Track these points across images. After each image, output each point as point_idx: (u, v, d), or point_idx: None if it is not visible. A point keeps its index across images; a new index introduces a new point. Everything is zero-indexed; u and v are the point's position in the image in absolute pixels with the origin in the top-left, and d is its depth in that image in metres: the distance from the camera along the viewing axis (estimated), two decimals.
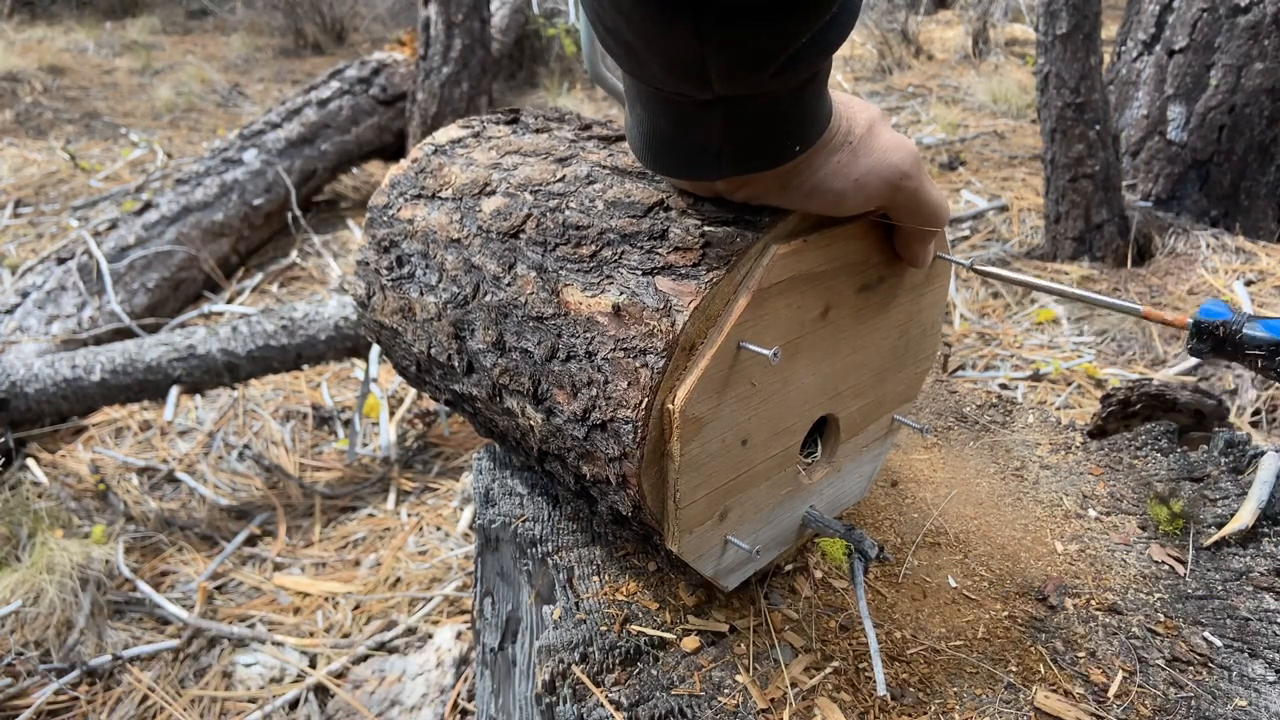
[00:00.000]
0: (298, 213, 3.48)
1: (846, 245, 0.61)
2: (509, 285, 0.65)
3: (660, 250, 0.58)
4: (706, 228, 0.58)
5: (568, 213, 0.64)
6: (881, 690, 0.60)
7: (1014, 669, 0.66)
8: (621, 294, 0.57)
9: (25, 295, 2.76)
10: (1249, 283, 2.41)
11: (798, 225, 0.59)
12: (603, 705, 0.60)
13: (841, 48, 0.52)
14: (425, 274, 0.73)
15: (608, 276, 0.59)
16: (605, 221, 0.62)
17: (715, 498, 0.60)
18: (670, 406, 0.54)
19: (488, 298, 0.66)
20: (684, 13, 0.42)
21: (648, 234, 0.59)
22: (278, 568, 1.91)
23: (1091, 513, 0.83)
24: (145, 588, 1.78)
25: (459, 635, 1.64)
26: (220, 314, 3.04)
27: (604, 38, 0.49)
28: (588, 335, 0.58)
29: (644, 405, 0.54)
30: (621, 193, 0.63)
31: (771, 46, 0.45)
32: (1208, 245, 2.58)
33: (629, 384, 0.55)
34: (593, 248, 0.61)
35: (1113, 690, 0.64)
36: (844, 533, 0.67)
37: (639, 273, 0.58)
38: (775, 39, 0.44)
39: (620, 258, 0.59)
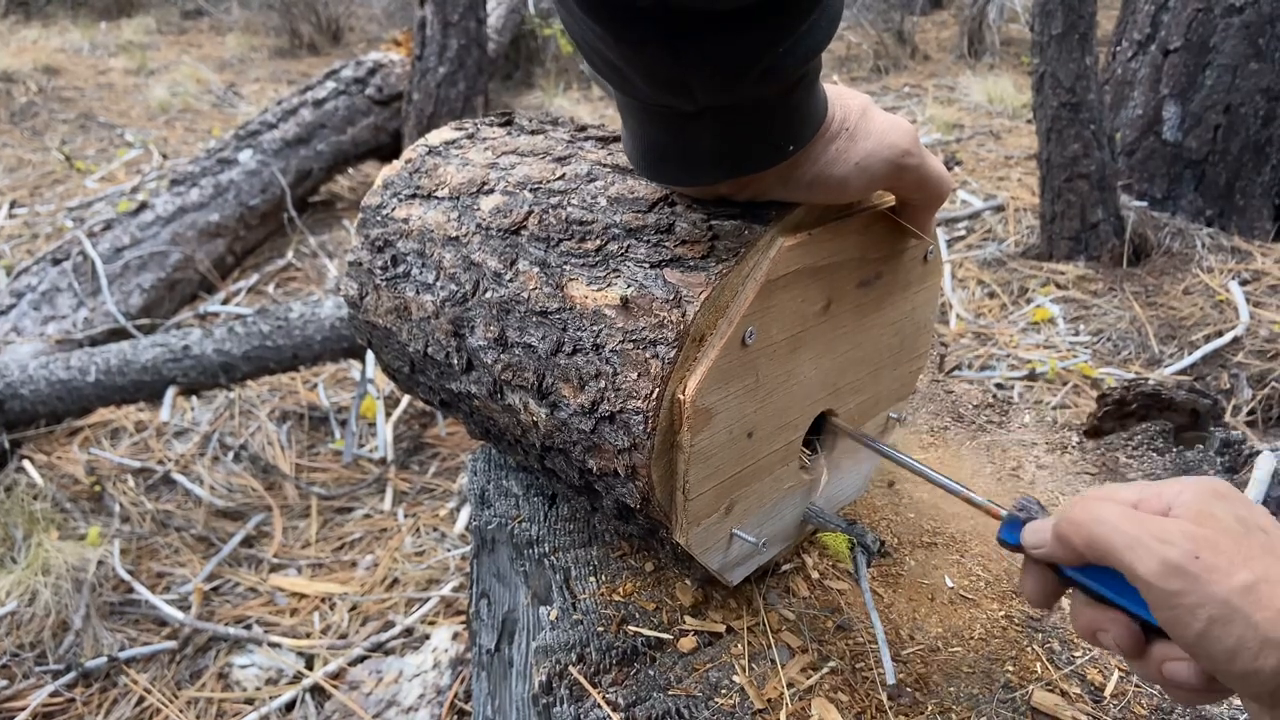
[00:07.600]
0: (293, 213, 3.47)
1: (848, 240, 0.62)
2: (511, 281, 0.65)
3: (667, 243, 0.58)
4: (714, 221, 0.58)
5: (570, 209, 0.64)
6: (891, 680, 0.61)
7: (1011, 669, 0.66)
8: (629, 286, 0.57)
9: (20, 296, 2.75)
10: (1244, 282, 2.42)
11: (803, 219, 0.59)
12: (600, 706, 0.60)
13: (838, 48, 0.52)
14: (422, 272, 0.73)
15: (614, 270, 0.59)
16: (609, 217, 0.62)
17: (722, 490, 0.60)
18: (681, 397, 0.55)
19: (488, 294, 0.66)
20: (655, 32, 0.43)
21: (654, 228, 0.59)
22: (274, 569, 1.91)
23: None
24: (141, 589, 1.78)
25: (456, 636, 1.64)
26: (216, 315, 3.03)
27: (591, 58, 0.49)
28: (595, 328, 0.58)
29: (654, 396, 0.54)
30: (624, 189, 0.64)
31: (747, 57, 0.45)
32: (1203, 245, 2.58)
33: (639, 375, 0.55)
34: (597, 242, 0.61)
35: (1109, 690, 0.64)
36: (845, 527, 0.67)
37: (646, 265, 0.58)
38: (749, 50, 0.45)
39: (626, 251, 0.59)
